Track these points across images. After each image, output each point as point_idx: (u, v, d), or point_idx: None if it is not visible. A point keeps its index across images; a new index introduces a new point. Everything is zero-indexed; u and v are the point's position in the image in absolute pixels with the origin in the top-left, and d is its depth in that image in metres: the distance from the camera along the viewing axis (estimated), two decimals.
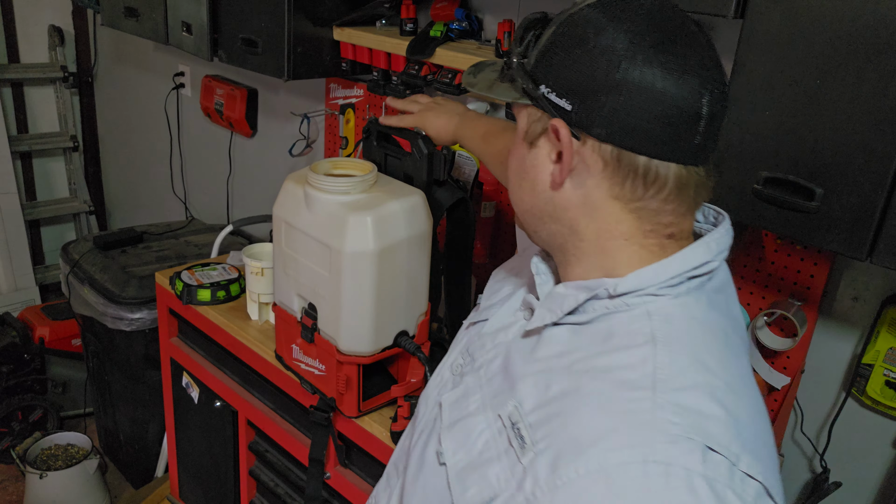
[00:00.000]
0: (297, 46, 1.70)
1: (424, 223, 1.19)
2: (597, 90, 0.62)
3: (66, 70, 3.03)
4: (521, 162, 0.72)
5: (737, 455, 0.58)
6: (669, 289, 0.66)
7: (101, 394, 2.33)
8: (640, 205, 0.66)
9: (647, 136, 0.63)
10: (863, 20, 0.89)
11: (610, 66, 0.62)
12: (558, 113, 0.65)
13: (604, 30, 0.63)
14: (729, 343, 0.67)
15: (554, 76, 0.65)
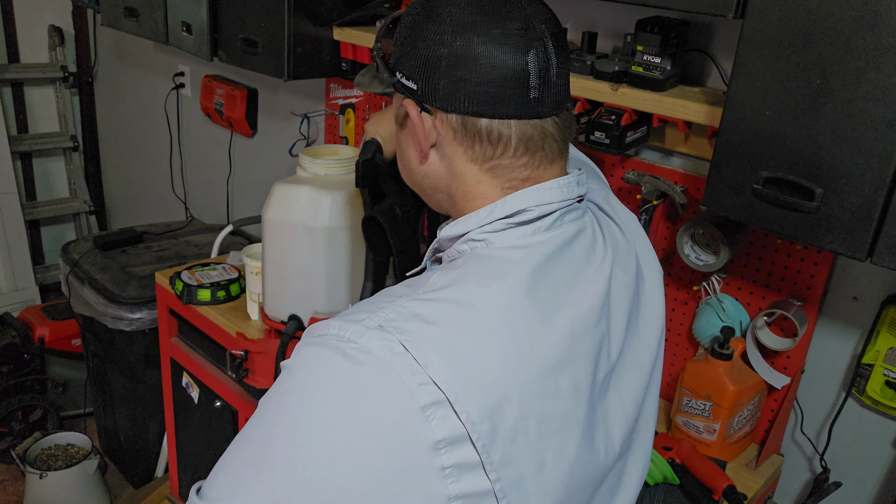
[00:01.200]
0: (297, 46, 1.70)
1: (337, 218, 1.27)
2: (432, 67, 0.69)
3: (66, 70, 3.03)
4: (398, 144, 0.79)
5: (426, 360, 0.59)
6: (488, 233, 0.71)
7: (101, 394, 2.33)
8: (493, 164, 0.71)
9: (482, 100, 0.68)
10: (863, 20, 0.90)
11: (437, 44, 0.68)
12: (409, 94, 0.72)
13: (432, 12, 0.70)
14: (510, 276, 0.68)
15: (403, 62, 0.72)
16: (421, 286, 0.67)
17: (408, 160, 0.78)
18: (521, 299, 0.66)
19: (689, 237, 1.35)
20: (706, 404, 1.31)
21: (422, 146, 0.73)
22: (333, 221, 1.27)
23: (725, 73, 1.29)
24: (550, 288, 0.69)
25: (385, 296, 0.67)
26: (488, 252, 0.69)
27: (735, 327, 1.36)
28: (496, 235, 0.70)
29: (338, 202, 1.27)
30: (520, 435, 0.62)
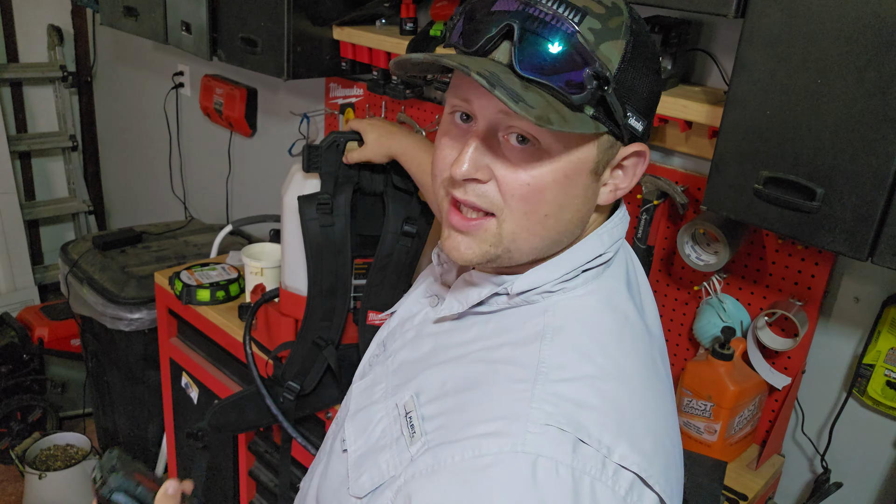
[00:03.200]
0: (296, 46, 1.69)
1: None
2: (654, 102, 0.64)
3: (65, 69, 3.03)
4: (580, 195, 0.63)
5: (609, 447, 0.57)
6: (564, 283, 0.66)
7: (100, 394, 2.32)
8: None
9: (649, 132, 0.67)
10: (863, 20, 0.89)
11: (657, 73, 0.63)
12: (634, 135, 0.64)
13: (643, 34, 0.61)
14: (625, 333, 0.66)
15: (634, 97, 0.61)
16: (531, 364, 0.61)
17: (583, 215, 0.66)
18: (640, 354, 0.66)
19: (689, 237, 1.34)
20: (707, 405, 1.31)
21: (616, 192, 0.66)
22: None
23: (726, 72, 1.28)
24: (640, 329, 0.68)
25: (510, 384, 0.61)
26: (575, 305, 0.66)
27: (736, 327, 1.35)
28: (568, 284, 0.67)
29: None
30: (678, 480, 0.65)
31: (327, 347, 1.27)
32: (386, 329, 0.85)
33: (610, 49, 0.58)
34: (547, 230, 0.65)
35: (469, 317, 0.70)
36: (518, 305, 0.67)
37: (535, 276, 0.66)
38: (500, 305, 0.68)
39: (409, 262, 1.27)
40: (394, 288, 1.27)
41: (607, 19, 0.59)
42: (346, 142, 1.25)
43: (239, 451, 1.64)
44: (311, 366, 1.29)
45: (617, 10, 0.60)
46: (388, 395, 0.72)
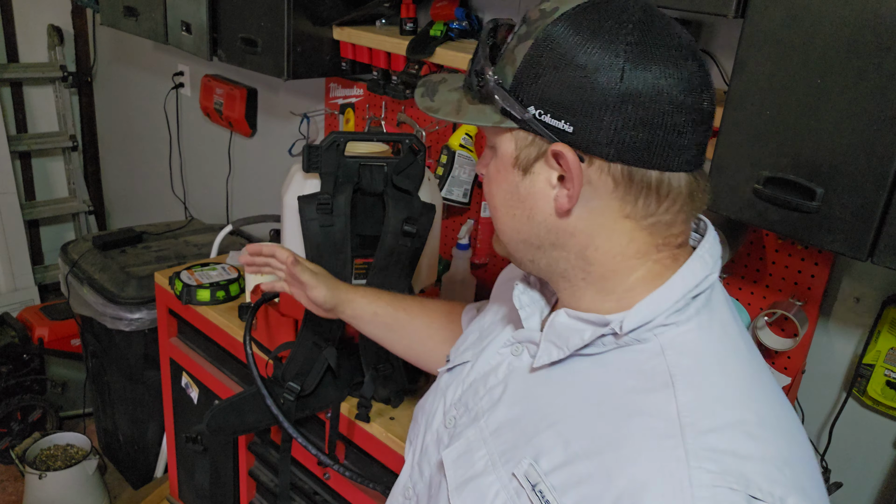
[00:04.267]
0: (296, 46, 1.69)
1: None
2: (599, 107, 0.58)
3: (65, 70, 3.03)
4: (513, 190, 0.66)
5: (781, 499, 0.54)
6: (676, 314, 0.62)
7: (100, 394, 2.32)
8: (653, 220, 0.62)
9: (659, 149, 0.59)
10: (863, 20, 0.89)
11: (611, 79, 0.58)
12: (557, 136, 0.61)
13: (592, 42, 0.59)
14: (748, 363, 0.63)
15: (544, 96, 0.60)
16: (669, 415, 0.57)
17: (529, 210, 0.65)
18: (773, 388, 0.63)
19: None
20: None
21: (570, 199, 0.62)
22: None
23: (726, 72, 1.28)
24: (760, 358, 0.66)
25: (654, 440, 0.57)
26: (694, 340, 0.61)
27: None
28: (680, 315, 0.62)
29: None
30: None
31: (327, 348, 1.27)
32: (450, 382, 0.79)
33: (520, 50, 0.62)
34: (502, 224, 0.69)
35: (568, 362, 0.66)
36: (627, 345, 0.62)
37: (646, 311, 0.61)
38: (607, 346, 0.63)
39: (409, 262, 1.27)
40: (394, 288, 1.27)
41: (532, 23, 0.62)
42: (346, 142, 1.25)
43: (239, 452, 1.64)
44: (312, 366, 1.29)
45: (546, 15, 0.62)
46: (496, 463, 0.66)
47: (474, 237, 1.68)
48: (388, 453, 1.27)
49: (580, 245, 0.64)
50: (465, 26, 1.58)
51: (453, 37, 1.58)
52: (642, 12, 0.61)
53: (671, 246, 0.64)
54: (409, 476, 0.82)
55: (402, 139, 1.27)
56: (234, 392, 1.59)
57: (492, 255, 1.72)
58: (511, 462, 0.64)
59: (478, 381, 0.74)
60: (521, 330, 0.73)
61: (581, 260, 0.65)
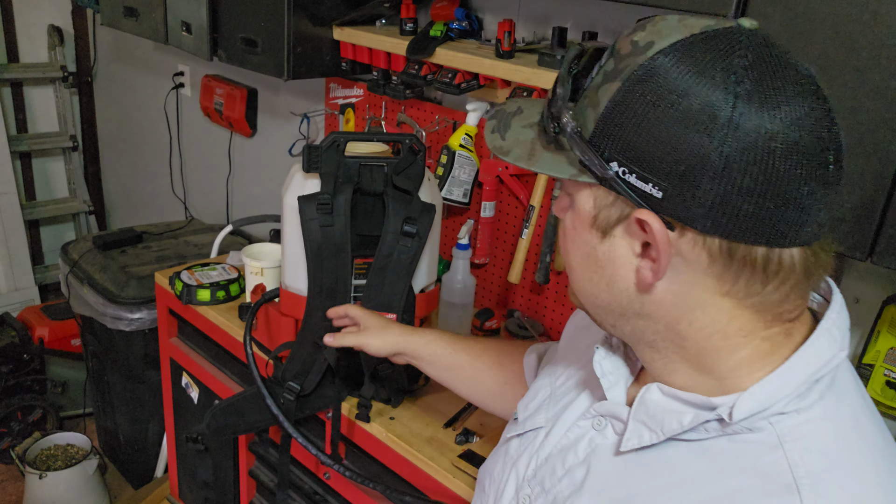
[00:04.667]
0: (296, 46, 1.70)
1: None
2: (696, 170, 0.48)
3: (65, 70, 3.03)
4: (591, 253, 0.58)
5: None
6: (797, 400, 0.53)
7: (100, 394, 2.33)
8: (758, 299, 0.53)
9: (769, 222, 0.49)
10: (863, 20, 0.89)
11: (714, 136, 0.47)
12: (643, 200, 0.51)
13: (695, 88, 0.48)
14: (885, 459, 0.54)
15: (630, 151, 0.51)
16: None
17: (608, 278, 0.57)
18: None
19: None
20: None
21: (654, 273, 0.53)
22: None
23: None
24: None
25: None
26: (822, 433, 0.52)
27: None
28: (802, 401, 0.53)
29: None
30: None
31: (327, 348, 1.27)
32: (531, 456, 0.70)
33: (605, 91, 0.53)
34: (579, 285, 0.61)
35: (661, 447, 0.58)
36: (736, 433, 0.54)
37: (762, 396, 0.52)
38: (709, 433, 0.55)
39: (409, 262, 1.27)
40: (394, 288, 1.27)
41: (622, 60, 0.53)
42: (346, 142, 1.26)
43: (239, 451, 1.64)
44: (311, 366, 1.29)
45: (639, 50, 0.52)
46: None
47: (474, 237, 1.68)
48: (388, 453, 1.27)
49: (670, 318, 0.56)
50: (464, 26, 1.58)
51: (453, 37, 1.58)
52: (758, 50, 0.49)
53: (783, 321, 0.55)
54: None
55: (402, 139, 1.27)
56: (235, 392, 1.60)
57: (492, 255, 1.72)
58: None
59: (555, 457, 0.66)
60: (605, 402, 0.65)
61: (672, 333, 0.57)
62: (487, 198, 1.64)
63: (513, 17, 1.53)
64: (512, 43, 1.43)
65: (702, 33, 0.51)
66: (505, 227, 1.68)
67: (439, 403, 1.36)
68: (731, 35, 0.50)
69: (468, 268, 1.57)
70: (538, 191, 1.52)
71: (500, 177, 1.62)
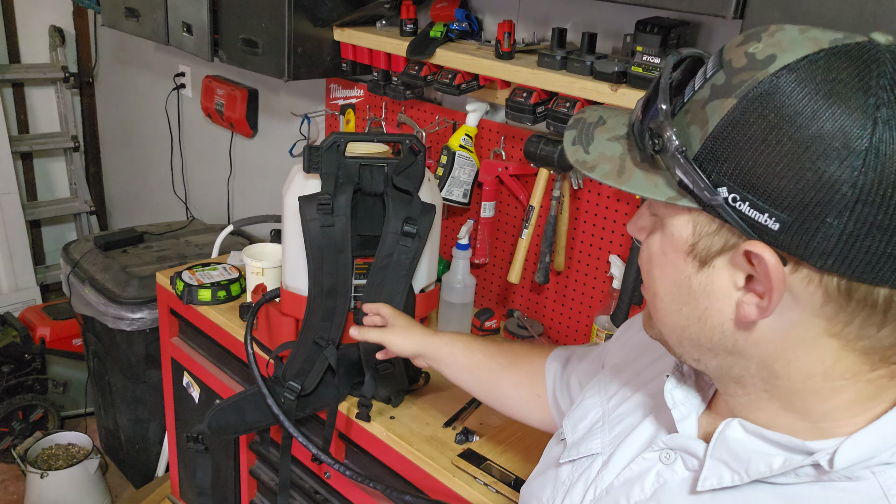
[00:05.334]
0: (297, 47, 1.70)
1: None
2: (825, 204, 0.44)
3: (66, 70, 3.04)
4: (684, 283, 0.53)
5: None
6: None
7: (101, 393, 2.33)
8: (869, 343, 0.48)
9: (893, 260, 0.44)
10: (862, 21, 0.90)
11: (847, 167, 0.43)
12: (755, 231, 0.47)
13: (828, 111, 0.43)
14: None
15: (744, 178, 0.46)
16: None
17: (702, 311, 0.53)
18: None
19: None
20: None
21: (761, 310, 0.49)
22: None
23: None
24: None
25: None
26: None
27: None
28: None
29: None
30: None
31: (328, 347, 1.28)
32: (587, 485, 0.65)
33: (714, 108, 0.48)
34: (664, 316, 0.56)
35: (745, 487, 0.53)
36: (832, 480, 0.49)
37: (870, 444, 0.48)
38: (800, 478, 0.50)
39: (409, 262, 1.27)
40: (394, 288, 1.28)
41: (736, 74, 0.48)
42: (346, 143, 1.26)
43: (240, 451, 1.65)
44: (312, 366, 1.30)
45: (758, 65, 0.47)
46: None
47: (474, 237, 1.69)
48: (388, 452, 1.28)
49: (766, 356, 0.52)
50: (464, 27, 1.58)
51: (453, 38, 1.59)
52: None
53: (889, 362, 0.50)
54: None
55: (403, 140, 1.27)
56: (235, 391, 1.60)
57: (492, 255, 1.72)
58: None
59: (617, 490, 0.62)
60: (676, 435, 0.60)
61: (765, 371, 0.52)
62: (487, 198, 1.64)
63: (512, 17, 1.53)
64: (512, 44, 1.43)
65: (832, 48, 0.46)
66: (505, 227, 1.69)
67: (439, 403, 1.36)
68: (865, 51, 0.45)
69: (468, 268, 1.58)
70: (538, 191, 1.52)
71: (500, 177, 1.62)
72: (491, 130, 1.65)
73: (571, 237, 1.55)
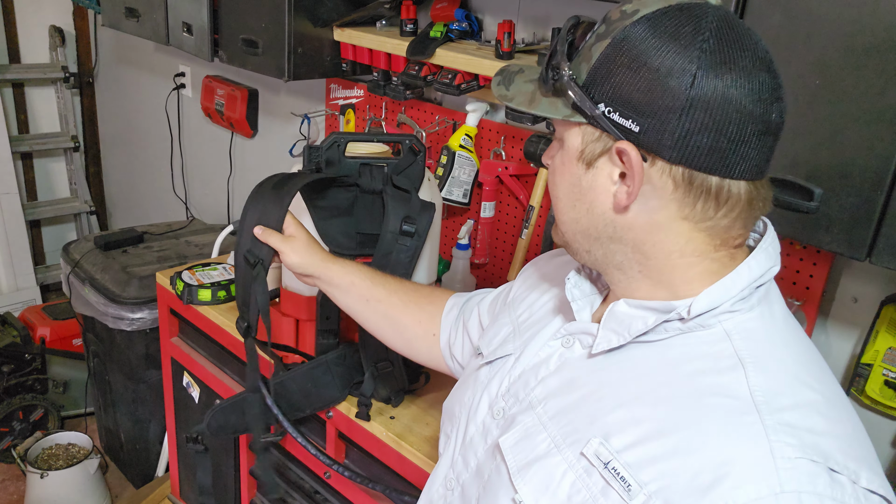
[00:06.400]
0: (297, 47, 1.70)
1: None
2: (667, 110, 0.60)
3: (66, 70, 3.04)
4: (576, 183, 0.68)
5: (856, 472, 0.57)
6: (741, 302, 0.64)
7: (101, 393, 2.33)
8: (711, 224, 0.64)
9: (722, 156, 0.61)
10: (862, 20, 0.90)
11: (681, 83, 0.59)
12: (623, 134, 0.63)
13: (668, 46, 0.60)
14: (808, 349, 0.66)
15: (615, 95, 0.62)
16: (742, 394, 0.59)
17: (589, 203, 0.68)
18: (829, 370, 0.67)
19: None
20: None
21: (629, 195, 0.64)
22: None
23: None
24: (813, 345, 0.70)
25: (731, 417, 0.58)
26: (759, 327, 0.64)
27: None
28: (744, 303, 0.64)
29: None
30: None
31: (256, 266, 1.11)
32: (502, 378, 0.79)
33: (596, 49, 0.64)
34: (562, 214, 0.71)
35: (626, 349, 0.68)
36: (691, 331, 0.65)
37: (714, 296, 0.63)
38: (669, 333, 0.66)
39: (408, 261, 1.27)
40: None
41: (612, 23, 0.64)
42: (346, 143, 1.26)
43: (240, 451, 1.65)
44: (249, 295, 1.16)
45: (626, 16, 0.63)
46: (559, 445, 0.67)
47: (474, 237, 1.69)
48: (389, 452, 1.28)
49: (637, 240, 0.66)
50: (464, 27, 1.58)
51: (453, 38, 1.59)
52: (721, 20, 0.61)
53: (729, 246, 0.66)
54: (451, 468, 0.82)
55: (403, 140, 1.27)
56: (236, 391, 1.60)
57: (492, 255, 1.72)
58: (578, 443, 0.65)
59: (527, 373, 0.76)
60: (574, 322, 0.75)
61: (638, 253, 0.67)
62: (487, 198, 1.64)
63: (512, 18, 1.53)
64: (512, 44, 1.43)
65: (677, 5, 0.63)
66: (505, 227, 1.69)
67: (439, 403, 1.36)
68: (699, 8, 0.62)
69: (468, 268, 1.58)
70: (538, 191, 1.53)
71: (500, 177, 1.62)
72: (491, 130, 1.65)
73: None
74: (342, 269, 1.06)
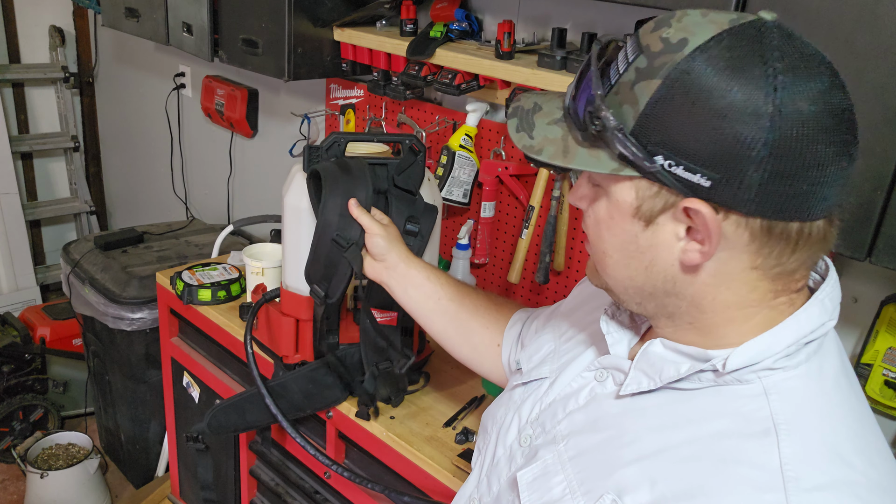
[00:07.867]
0: (297, 47, 1.70)
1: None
2: (743, 160, 0.52)
3: (66, 70, 3.04)
4: (632, 241, 0.61)
5: None
6: (786, 359, 0.58)
7: (101, 393, 2.33)
8: (780, 269, 0.58)
9: (803, 199, 0.54)
10: (862, 21, 0.90)
11: (758, 128, 0.51)
12: (691, 190, 0.55)
13: (735, 83, 0.52)
14: (859, 418, 0.59)
15: (675, 145, 0.54)
16: (771, 466, 0.53)
17: (649, 261, 0.61)
18: (885, 446, 0.60)
19: None
20: None
21: (703, 255, 0.57)
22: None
23: None
24: (872, 416, 0.63)
25: (754, 493, 0.53)
26: (803, 388, 0.58)
27: None
28: (789, 360, 0.58)
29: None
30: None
31: (350, 248, 1.14)
32: (535, 402, 0.76)
33: (642, 89, 0.55)
34: (613, 270, 0.64)
35: (657, 394, 0.63)
36: (727, 384, 0.59)
37: (754, 351, 0.58)
38: (703, 383, 0.60)
39: None
40: None
41: (656, 57, 0.55)
42: (346, 143, 1.26)
43: (240, 450, 1.65)
44: (335, 271, 1.20)
45: (673, 48, 0.55)
46: (574, 492, 0.63)
47: (474, 237, 1.69)
48: (388, 452, 1.28)
49: (698, 294, 0.60)
50: (464, 27, 1.58)
51: (453, 38, 1.59)
52: (783, 39, 0.55)
53: (790, 291, 0.60)
54: (476, 487, 0.81)
55: (403, 140, 1.27)
56: (235, 391, 1.60)
57: (492, 255, 1.72)
58: (591, 493, 0.61)
59: (557, 403, 0.72)
60: (608, 356, 0.71)
61: (694, 308, 0.61)
62: (487, 198, 1.64)
63: (512, 18, 1.53)
64: (512, 44, 1.43)
65: (730, 28, 0.54)
66: (505, 227, 1.69)
67: (439, 403, 1.36)
68: (756, 29, 0.54)
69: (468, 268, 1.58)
70: (538, 191, 1.53)
71: (500, 177, 1.62)
72: (491, 130, 1.65)
73: (571, 237, 1.56)
74: (421, 263, 1.05)
